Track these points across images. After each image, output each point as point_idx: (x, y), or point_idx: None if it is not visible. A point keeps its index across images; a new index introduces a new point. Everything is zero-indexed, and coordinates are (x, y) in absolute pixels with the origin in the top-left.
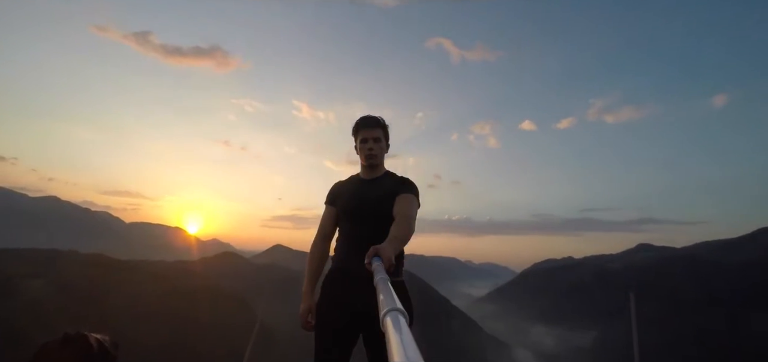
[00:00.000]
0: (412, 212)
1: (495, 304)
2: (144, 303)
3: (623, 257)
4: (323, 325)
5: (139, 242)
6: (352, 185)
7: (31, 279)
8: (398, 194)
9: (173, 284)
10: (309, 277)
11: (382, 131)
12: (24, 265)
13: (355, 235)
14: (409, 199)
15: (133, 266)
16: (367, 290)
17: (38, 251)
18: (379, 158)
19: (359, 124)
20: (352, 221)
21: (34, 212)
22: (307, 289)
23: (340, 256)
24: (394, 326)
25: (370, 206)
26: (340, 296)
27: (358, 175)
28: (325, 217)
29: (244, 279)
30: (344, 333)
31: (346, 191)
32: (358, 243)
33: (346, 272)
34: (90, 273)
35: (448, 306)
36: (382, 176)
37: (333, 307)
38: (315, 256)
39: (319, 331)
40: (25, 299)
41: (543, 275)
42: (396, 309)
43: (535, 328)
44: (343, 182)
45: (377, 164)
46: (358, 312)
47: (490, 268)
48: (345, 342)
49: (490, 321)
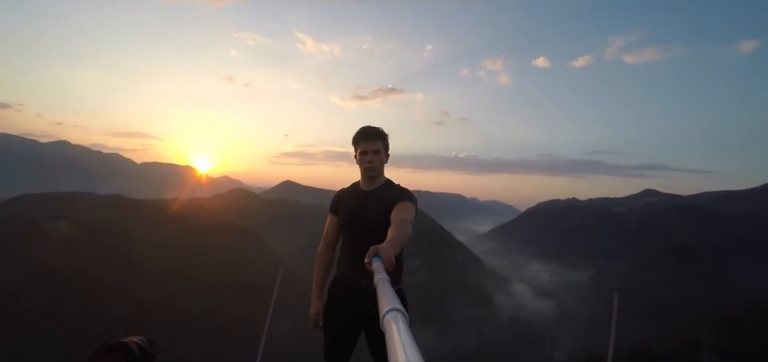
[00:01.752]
0: (411, 217)
1: (497, 241)
2: (162, 240)
3: (627, 202)
4: (328, 327)
5: (151, 181)
6: (353, 196)
7: (56, 221)
8: (397, 202)
9: (188, 221)
10: (316, 282)
11: (381, 143)
12: (47, 208)
13: (355, 245)
14: (408, 206)
15: (150, 205)
16: (367, 298)
17: (58, 194)
18: (378, 170)
19: (359, 136)
20: (352, 232)
21: (46, 157)
22: (315, 294)
23: (342, 265)
24: (394, 326)
25: (369, 218)
26: (342, 302)
27: (359, 185)
28: (329, 225)
29: (256, 214)
30: (347, 334)
31: (347, 201)
32: (358, 253)
33: (346, 281)
34: (109, 213)
35: (451, 241)
36: (382, 185)
37: (336, 311)
38: (321, 262)
39: (326, 332)
40: (53, 240)
41: (546, 215)
42: (396, 309)
43: (533, 265)
44: (345, 191)
45: (376, 175)
46: (359, 316)
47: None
48: (348, 341)
49: (491, 257)
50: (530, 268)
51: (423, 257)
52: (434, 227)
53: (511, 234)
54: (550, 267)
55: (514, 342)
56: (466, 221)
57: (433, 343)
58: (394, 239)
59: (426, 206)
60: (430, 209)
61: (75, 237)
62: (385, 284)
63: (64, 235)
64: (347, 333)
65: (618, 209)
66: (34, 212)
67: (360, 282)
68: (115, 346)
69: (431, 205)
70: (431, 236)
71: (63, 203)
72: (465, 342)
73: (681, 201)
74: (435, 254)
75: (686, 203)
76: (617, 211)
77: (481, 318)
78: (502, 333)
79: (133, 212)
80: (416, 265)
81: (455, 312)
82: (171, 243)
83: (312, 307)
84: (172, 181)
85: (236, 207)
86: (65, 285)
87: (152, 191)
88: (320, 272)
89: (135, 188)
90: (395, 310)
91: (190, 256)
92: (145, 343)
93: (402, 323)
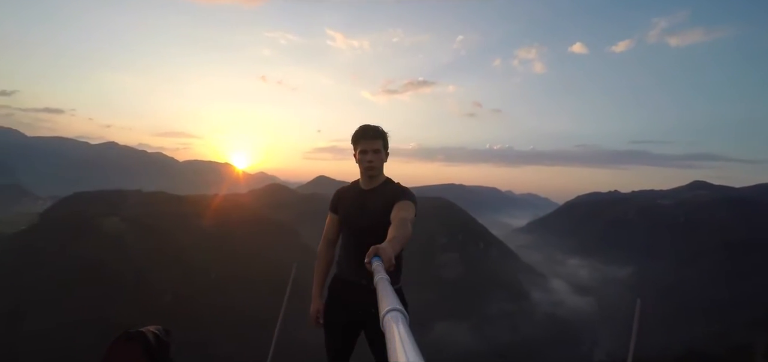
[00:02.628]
0: (411, 216)
1: (533, 235)
2: (203, 234)
3: (674, 194)
4: (328, 325)
5: (192, 178)
6: (352, 195)
7: (106, 217)
8: (396, 201)
9: (227, 216)
10: (316, 281)
11: (381, 142)
12: (99, 205)
13: (354, 244)
14: (408, 205)
15: (191, 201)
16: (365, 298)
17: (108, 192)
18: (378, 169)
19: (359, 135)
20: (351, 231)
21: (96, 157)
22: (316, 292)
23: (341, 264)
24: (394, 326)
25: (368, 218)
26: (341, 302)
27: (359, 183)
28: (329, 224)
29: (291, 208)
30: (346, 333)
31: (347, 200)
32: (357, 252)
33: (346, 280)
34: (154, 208)
35: (486, 234)
36: (382, 184)
37: (336, 310)
38: (321, 261)
39: (326, 330)
40: (105, 235)
41: (585, 208)
42: (396, 308)
43: (571, 260)
44: (345, 190)
45: (376, 174)
46: (358, 315)
47: (531, 199)
48: (348, 340)
49: (528, 251)
50: (568, 263)
51: (457, 251)
52: (468, 220)
53: (549, 228)
54: (589, 263)
55: (550, 339)
56: (501, 214)
57: (467, 338)
58: (395, 239)
59: (460, 200)
60: (464, 202)
61: (123, 232)
62: (385, 284)
63: (114, 230)
64: (347, 332)
65: (664, 202)
66: (86, 208)
67: (359, 282)
68: (133, 335)
69: (465, 198)
70: (465, 230)
71: (112, 200)
72: (500, 337)
73: (733, 194)
74: (469, 249)
75: (739, 196)
76: (663, 204)
77: (517, 313)
78: (538, 330)
79: (176, 208)
80: (450, 259)
81: (490, 307)
82: (211, 237)
83: (312, 305)
84: (212, 178)
85: (272, 202)
86: (115, 277)
87: (193, 187)
88: (320, 270)
89: (177, 184)
90: (395, 310)
91: (229, 249)
92: (161, 333)
93: (402, 323)
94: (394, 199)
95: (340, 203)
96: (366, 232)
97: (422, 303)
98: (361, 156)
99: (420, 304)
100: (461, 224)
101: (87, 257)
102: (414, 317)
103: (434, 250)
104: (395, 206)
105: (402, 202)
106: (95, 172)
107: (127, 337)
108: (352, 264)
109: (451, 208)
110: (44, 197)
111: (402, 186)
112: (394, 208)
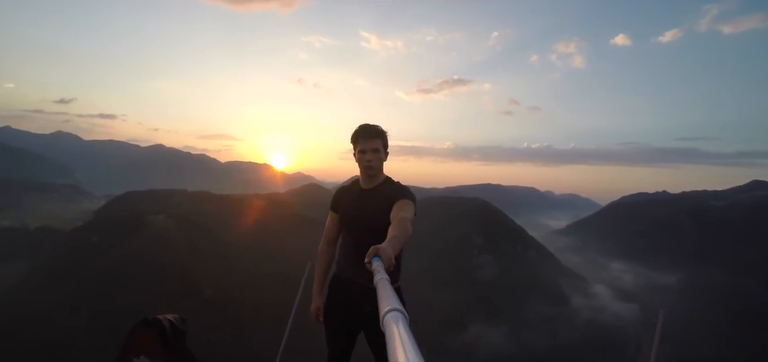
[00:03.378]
0: (410, 215)
1: (574, 237)
2: (243, 231)
3: (730, 195)
4: (328, 324)
5: (234, 178)
6: (352, 194)
7: (155, 214)
8: (396, 200)
9: (267, 214)
10: (317, 279)
11: (380, 141)
12: (148, 203)
13: (353, 243)
14: (407, 204)
15: (233, 200)
16: (364, 297)
17: (156, 191)
18: (377, 168)
19: (358, 134)
20: (351, 230)
21: (145, 159)
22: (316, 290)
23: (340, 263)
24: (394, 326)
25: (367, 218)
26: (340, 301)
27: (358, 183)
28: (330, 222)
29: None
30: (345, 332)
31: (347, 199)
32: (356, 252)
33: (344, 280)
34: (198, 207)
35: (523, 236)
36: (381, 183)
37: (335, 310)
38: (322, 260)
39: (326, 329)
40: (154, 231)
41: (630, 209)
42: (396, 309)
43: (615, 264)
44: (346, 189)
45: (375, 174)
46: (358, 314)
47: (572, 199)
48: (347, 339)
49: (568, 254)
50: (612, 268)
51: (493, 252)
52: (505, 221)
53: (591, 230)
54: (634, 268)
55: (591, 347)
56: (540, 215)
57: (504, 342)
58: (395, 239)
59: (496, 200)
60: (501, 203)
61: (170, 228)
62: (385, 284)
63: (162, 227)
64: (346, 332)
65: (718, 203)
66: (137, 206)
67: (359, 281)
68: (152, 321)
69: (502, 199)
70: (502, 231)
71: (159, 198)
72: (537, 342)
73: None
74: (506, 250)
75: None
76: (717, 206)
77: (556, 318)
78: (577, 336)
79: (218, 207)
80: (486, 261)
81: (527, 311)
82: (251, 235)
83: (313, 303)
84: (252, 177)
85: (309, 201)
86: (161, 270)
87: (235, 187)
88: (321, 269)
89: (220, 184)
90: (395, 310)
91: (268, 247)
92: (178, 321)
93: (402, 323)
94: (394, 198)
95: (340, 202)
96: (365, 231)
97: (456, 304)
98: (360, 156)
99: (453, 305)
100: (498, 225)
101: (136, 251)
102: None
103: (470, 251)
104: (395, 206)
105: (401, 201)
106: (144, 173)
107: (146, 323)
108: (352, 263)
109: (488, 208)
110: (99, 196)
111: (402, 185)
112: (393, 207)
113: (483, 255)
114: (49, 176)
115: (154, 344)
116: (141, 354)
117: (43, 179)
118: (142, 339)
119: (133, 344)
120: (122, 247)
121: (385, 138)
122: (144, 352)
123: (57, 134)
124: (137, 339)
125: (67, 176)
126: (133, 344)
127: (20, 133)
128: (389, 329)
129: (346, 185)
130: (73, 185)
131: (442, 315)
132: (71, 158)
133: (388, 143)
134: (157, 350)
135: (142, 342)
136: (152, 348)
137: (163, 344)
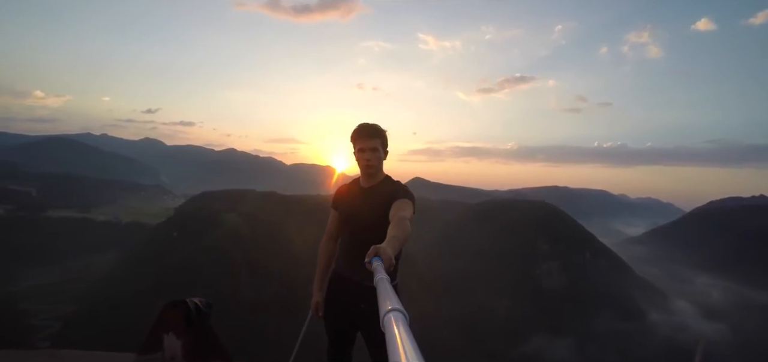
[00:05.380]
0: (409, 214)
1: (652, 246)
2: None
3: None
4: (327, 321)
5: (299, 179)
6: (352, 192)
7: (227, 212)
8: (395, 199)
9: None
10: (317, 275)
11: (379, 140)
12: (222, 202)
13: (352, 242)
14: (406, 204)
15: (298, 200)
16: (362, 296)
17: (228, 191)
18: (376, 167)
19: (357, 133)
20: (350, 228)
21: (219, 161)
22: (317, 285)
23: (340, 260)
24: (394, 326)
25: (366, 215)
26: (339, 299)
27: (358, 181)
28: (331, 220)
29: None
30: (344, 330)
31: (347, 197)
32: (355, 250)
33: (343, 278)
34: (267, 206)
35: (593, 242)
36: (380, 182)
37: (334, 308)
38: (322, 256)
39: (326, 323)
40: (226, 228)
41: (719, 215)
42: (396, 309)
43: (700, 278)
44: (346, 187)
45: (375, 173)
46: (356, 313)
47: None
48: (346, 338)
49: (644, 264)
50: (696, 282)
51: (559, 260)
52: (573, 226)
53: (671, 239)
54: (723, 283)
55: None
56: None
57: (569, 355)
58: (394, 239)
59: (564, 204)
60: (569, 206)
61: (241, 226)
62: (385, 284)
63: (233, 224)
64: (345, 330)
65: None
66: (211, 205)
67: (357, 279)
68: (179, 303)
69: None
70: (570, 237)
71: (232, 198)
72: (606, 359)
73: None
74: (574, 258)
75: None
76: None
77: (628, 334)
78: (653, 356)
79: (284, 206)
80: (551, 268)
81: (596, 323)
82: (315, 233)
83: (313, 298)
84: (316, 179)
85: None
86: (233, 263)
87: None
88: (321, 265)
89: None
90: (396, 310)
91: None
92: (203, 305)
93: (402, 323)
94: (393, 197)
95: (341, 200)
96: (364, 230)
97: (518, 312)
98: (359, 155)
99: (515, 314)
100: (565, 231)
101: (211, 245)
102: (506, 326)
103: (534, 258)
104: (394, 205)
105: (400, 200)
106: (218, 174)
107: (174, 304)
108: (351, 262)
109: (554, 212)
110: (179, 195)
111: (401, 184)
112: (392, 206)
113: (548, 262)
114: (138, 177)
115: (180, 323)
116: (170, 331)
117: (134, 180)
118: (170, 318)
119: (163, 322)
120: (198, 241)
121: (384, 137)
122: (172, 330)
123: (145, 140)
124: (166, 318)
125: (153, 177)
126: (162, 322)
127: (115, 140)
128: (389, 329)
129: (347, 184)
130: (157, 185)
131: (502, 323)
132: (156, 161)
133: (387, 142)
134: (182, 329)
135: (171, 321)
136: (179, 327)
137: (187, 324)
